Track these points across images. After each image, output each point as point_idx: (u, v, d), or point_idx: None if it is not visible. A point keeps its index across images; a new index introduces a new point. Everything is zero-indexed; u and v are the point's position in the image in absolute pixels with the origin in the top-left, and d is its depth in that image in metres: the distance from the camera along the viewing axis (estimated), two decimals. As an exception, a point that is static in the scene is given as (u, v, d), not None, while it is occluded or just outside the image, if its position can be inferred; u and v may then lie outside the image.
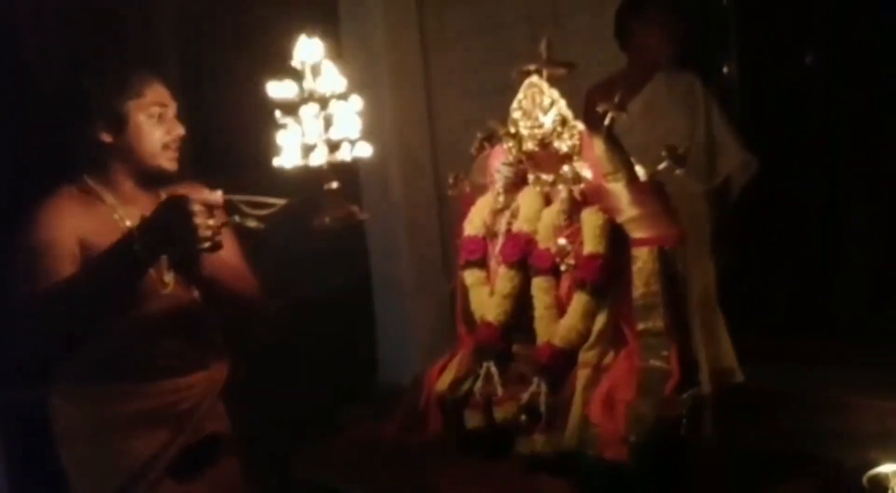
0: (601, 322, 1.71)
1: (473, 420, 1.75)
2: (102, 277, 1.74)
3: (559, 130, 1.75)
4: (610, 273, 1.70)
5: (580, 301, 1.71)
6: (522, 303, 1.80)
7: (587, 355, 1.70)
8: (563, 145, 1.76)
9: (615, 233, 1.71)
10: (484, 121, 1.89)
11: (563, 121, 1.75)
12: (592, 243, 1.71)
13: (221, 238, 1.68)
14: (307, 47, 1.52)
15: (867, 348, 3.36)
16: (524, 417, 1.68)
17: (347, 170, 1.58)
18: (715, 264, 3.15)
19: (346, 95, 1.55)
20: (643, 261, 1.67)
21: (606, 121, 1.74)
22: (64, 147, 2.03)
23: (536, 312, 1.76)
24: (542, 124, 1.77)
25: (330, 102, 1.53)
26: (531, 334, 1.77)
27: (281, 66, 1.52)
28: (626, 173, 1.71)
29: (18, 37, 3.01)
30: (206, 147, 2.37)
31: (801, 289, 3.75)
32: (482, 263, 1.89)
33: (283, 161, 1.55)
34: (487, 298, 1.84)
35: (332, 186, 1.56)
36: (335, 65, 1.54)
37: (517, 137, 1.80)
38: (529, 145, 1.80)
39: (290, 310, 3.42)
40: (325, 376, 3.75)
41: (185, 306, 1.97)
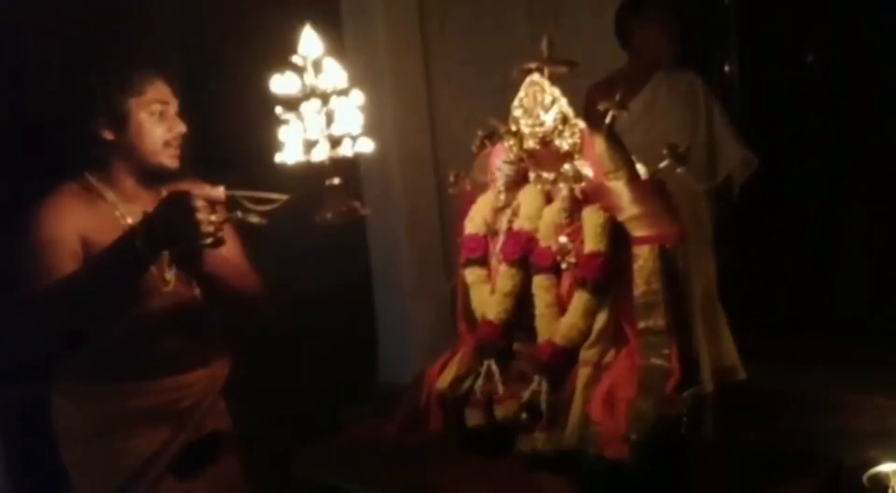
0: (602, 321, 1.71)
1: (474, 418, 1.74)
2: (104, 273, 1.74)
3: (560, 128, 1.75)
4: (611, 272, 1.70)
5: (581, 300, 1.71)
6: (523, 301, 1.79)
7: (588, 354, 1.70)
8: (564, 143, 1.76)
9: (616, 231, 1.71)
10: (485, 119, 1.89)
11: (564, 119, 1.75)
12: (593, 242, 1.71)
13: (223, 235, 1.68)
14: (309, 42, 1.52)
15: (867, 348, 3.36)
16: (525, 415, 1.67)
17: (349, 166, 1.58)
18: (716, 263, 3.15)
19: (347, 90, 1.55)
20: (644, 259, 1.67)
21: (607, 119, 1.73)
22: (65, 145, 2.03)
23: (537, 310, 1.76)
24: (543, 122, 1.76)
25: (331, 97, 1.53)
26: (532, 333, 1.77)
27: (282, 63, 1.51)
28: (627, 172, 1.70)
29: (20, 34, 3.01)
30: (207, 144, 2.37)
31: (801, 288, 3.75)
32: (483, 261, 1.89)
33: (284, 157, 1.54)
34: (488, 296, 1.84)
35: (333, 181, 1.56)
36: (337, 60, 1.54)
37: (518, 135, 1.80)
38: (530, 143, 1.79)
39: (290, 308, 3.42)
40: (325, 375, 3.75)
41: (186, 304, 1.97)
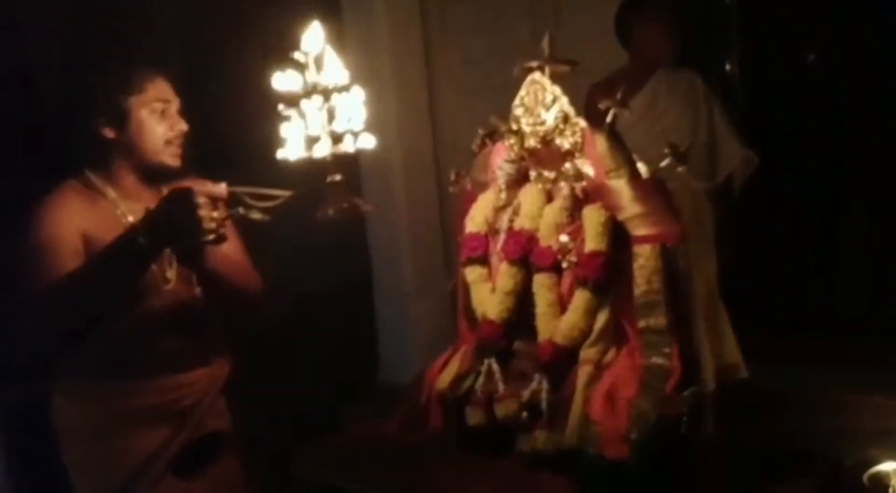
0: (602, 320, 1.71)
1: (474, 417, 1.74)
2: (107, 270, 1.74)
3: (561, 126, 1.75)
4: (611, 271, 1.70)
5: (582, 298, 1.71)
6: (524, 300, 1.79)
7: (588, 353, 1.70)
8: (564, 142, 1.76)
9: (617, 230, 1.71)
10: (486, 117, 1.89)
11: (565, 118, 1.75)
12: (594, 241, 1.71)
13: (225, 231, 1.68)
14: (311, 39, 1.51)
15: (867, 347, 3.36)
16: (525, 414, 1.67)
17: (350, 164, 1.57)
18: (717, 262, 3.15)
19: (348, 86, 1.55)
20: (645, 258, 1.67)
21: (609, 118, 1.73)
22: (67, 143, 2.03)
23: (538, 309, 1.76)
24: (544, 121, 1.76)
25: (333, 93, 1.53)
26: (532, 332, 1.76)
27: (284, 61, 1.51)
28: (628, 171, 1.70)
29: (21, 32, 3.01)
30: (208, 142, 2.36)
31: (801, 288, 3.75)
32: (484, 260, 1.88)
33: (286, 153, 1.54)
34: (489, 295, 1.84)
35: (335, 178, 1.55)
36: (338, 56, 1.54)
37: (519, 133, 1.80)
38: (531, 142, 1.79)
39: (290, 307, 3.42)
40: (326, 374, 3.75)
41: (186, 303, 1.97)
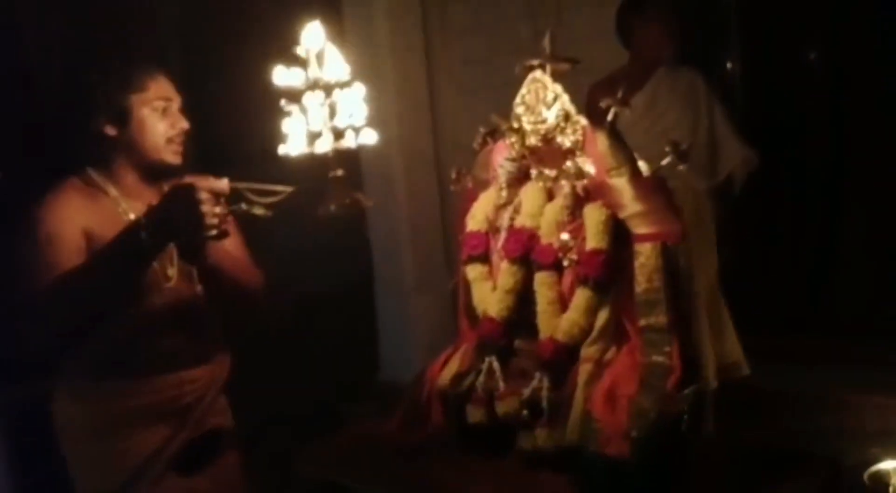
0: (603, 318, 1.71)
1: (475, 415, 1.74)
2: (109, 266, 1.74)
3: (562, 125, 1.75)
4: (612, 269, 1.70)
5: (582, 297, 1.71)
6: (525, 298, 1.79)
7: (589, 351, 1.70)
8: (566, 141, 1.76)
9: (618, 229, 1.71)
10: (487, 116, 1.89)
11: (566, 116, 1.75)
12: (595, 239, 1.71)
13: (227, 227, 1.68)
14: (312, 35, 1.51)
15: (867, 347, 3.35)
16: (526, 412, 1.67)
17: (351, 161, 1.58)
18: (718, 261, 3.15)
19: (350, 82, 1.55)
20: (646, 257, 1.67)
21: (610, 116, 1.73)
22: (68, 141, 2.03)
23: (539, 307, 1.76)
24: (545, 119, 1.76)
25: (334, 89, 1.53)
26: (533, 330, 1.77)
27: (285, 57, 1.51)
28: (629, 169, 1.70)
29: (23, 30, 3.01)
30: (209, 140, 2.37)
31: (801, 288, 3.75)
32: (485, 258, 1.89)
33: (288, 149, 1.54)
34: (490, 293, 1.84)
35: (337, 173, 1.55)
36: (339, 52, 1.54)
37: (520, 132, 1.80)
38: (532, 140, 1.79)
39: (291, 306, 3.42)
40: (327, 373, 3.75)
41: (187, 301, 1.97)
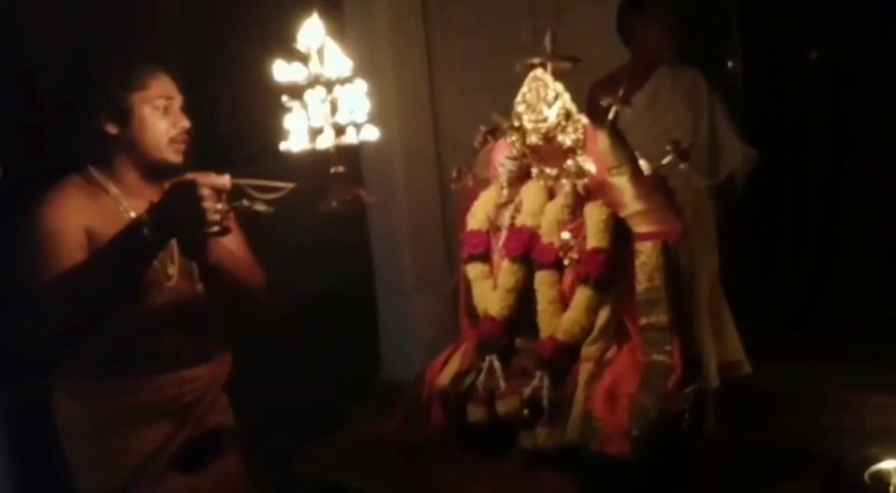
0: (604, 317, 1.71)
1: (476, 414, 1.74)
2: (111, 263, 1.74)
3: (563, 123, 1.75)
4: (613, 268, 1.70)
5: (583, 296, 1.71)
6: (525, 297, 1.79)
7: (590, 350, 1.70)
8: (567, 139, 1.76)
9: (619, 227, 1.71)
10: (487, 114, 1.89)
11: (567, 114, 1.75)
12: (596, 238, 1.71)
13: (229, 224, 1.68)
14: (312, 30, 1.51)
15: (868, 347, 3.35)
16: (527, 411, 1.67)
17: (352, 158, 1.57)
18: (719, 260, 3.15)
19: (351, 78, 1.55)
20: (646, 256, 1.67)
21: (611, 115, 1.73)
22: (69, 139, 2.03)
23: (539, 306, 1.76)
24: (546, 118, 1.76)
25: (336, 85, 1.52)
26: (534, 329, 1.77)
27: (286, 53, 1.51)
28: (629, 168, 1.70)
29: (24, 28, 3.01)
30: (209, 139, 2.37)
31: (801, 287, 3.75)
32: (485, 257, 1.89)
33: (290, 145, 1.54)
34: (490, 292, 1.84)
35: (339, 169, 1.55)
36: (340, 49, 1.53)
37: (521, 130, 1.80)
38: (533, 139, 1.79)
39: (291, 305, 3.42)
40: (327, 373, 3.75)
41: (188, 299, 1.97)
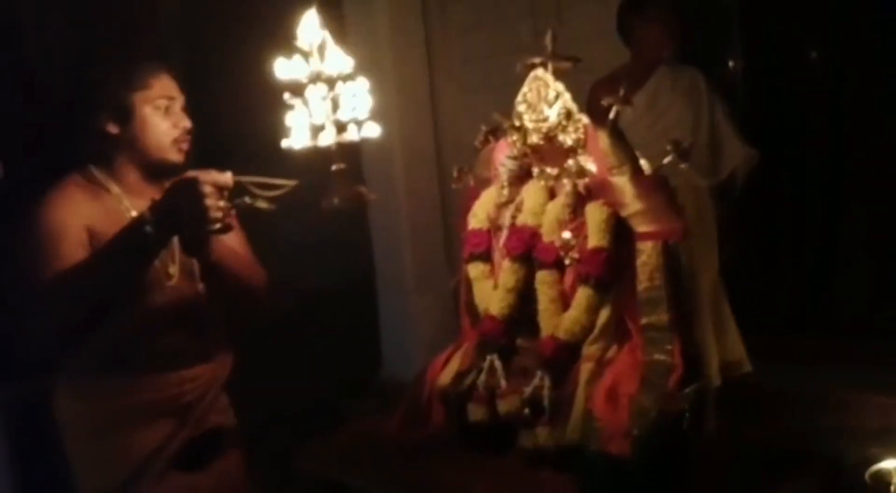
0: (605, 316, 1.71)
1: (476, 414, 1.74)
2: (113, 260, 1.74)
3: (564, 123, 1.75)
4: (614, 267, 1.70)
5: (584, 295, 1.71)
6: (526, 297, 1.79)
7: (590, 349, 1.70)
8: (567, 139, 1.76)
9: (619, 227, 1.71)
10: (488, 114, 1.89)
11: (568, 114, 1.75)
12: (597, 237, 1.71)
13: (231, 221, 1.68)
14: (311, 24, 1.51)
15: (868, 347, 3.35)
16: (527, 410, 1.67)
17: (353, 155, 1.57)
18: (719, 259, 3.15)
19: (353, 75, 1.54)
20: (647, 255, 1.67)
21: (611, 114, 1.73)
22: (70, 138, 2.03)
23: (540, 305, 1.76)
24: (546, 118, 1.76)
25: (337, 82, 1.52)
26: (535, 328, 1.77)
27: (287, 51, 1.51)
28: (630, 167, 1.70)
29: (25, 28, 3.01)
30: (211, 137, 2.37)
31: (801, 287, 3.75)
32: (486, 256, 1.88)
33: (291, 142, 1.54)
34: (491, 291, 1.84)
35: (340, 166, 1.55)
36: (341, 46, 1.53)
37: (522, 130, 1.80)
38: (534, 139, 1.79)
39: (293, 303, 3.42)
40: (328, 371, 3.75)
41: (189, 299, 1.97)
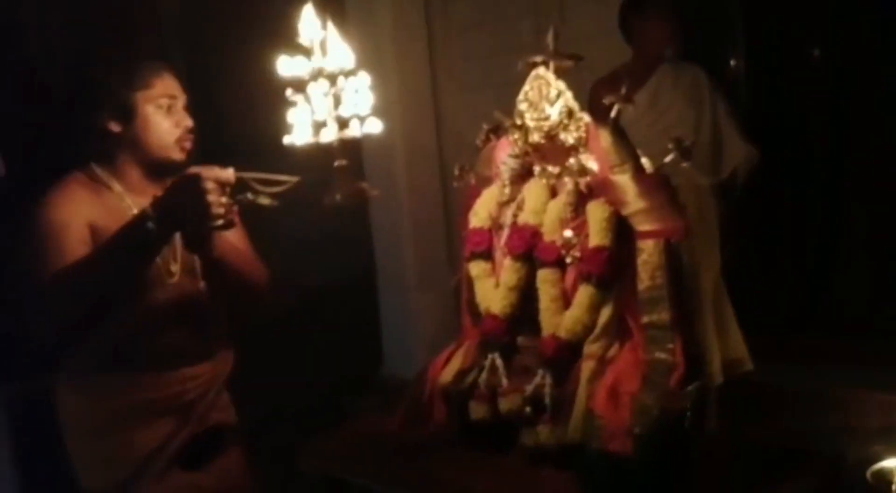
0: (606, 315, 1.71)
1: (478, 412, 1.74)
2: (116, 256, 1.74)
3: (565, 121, 1.75)
4: (615, 266, 1.70)
5: (585, 294, 1.71)
6: (527, 295, 1.79)
7: (592, 348, 1.70)
8: (569, 137, 1.76)
9: (621, 226, 1.71)
10: (490, 112, 1.89)
11: (569, 113, 1.75)
12: (598, 236, 1.71)
13: (233, 218, 1.69)
14: (311, 19, 1.51)
15: (869, 346, 3.36)
16: (529, 409, 1.67)
17: (354, 151, 1.57)
18: (721, 258, 3.15)
19: (355, 71, 1.54)
20: (648, 254, 1.67)
21: (613, 113, 1.73)
22: (72, 136, 2.03)
23: (542, 304, 1.76)
24: (548, 116, 1.76)
25: (339, 78, 1.52)
26: (536, 327, 1.76)
27: (289, 47, 1.51)
28: (632, 166, 1.70)
29: (28, 27, 3.02)
30: (213, 134, 2.37)
31: (802, 287, 3.75)
32: (488, 255, 1.88)
33: (293, 139, 1.54)
34: (493, 290, 1.84)
35: (342, 163, 1.55)
36: (342, 41, 1.53)
37: (523, 128, 1.80)
38: (535, 137, 1.79)
39: (294, 300, 3.42)
40: (330, 368, 3.76)
41: (191, 296, 1.97)
